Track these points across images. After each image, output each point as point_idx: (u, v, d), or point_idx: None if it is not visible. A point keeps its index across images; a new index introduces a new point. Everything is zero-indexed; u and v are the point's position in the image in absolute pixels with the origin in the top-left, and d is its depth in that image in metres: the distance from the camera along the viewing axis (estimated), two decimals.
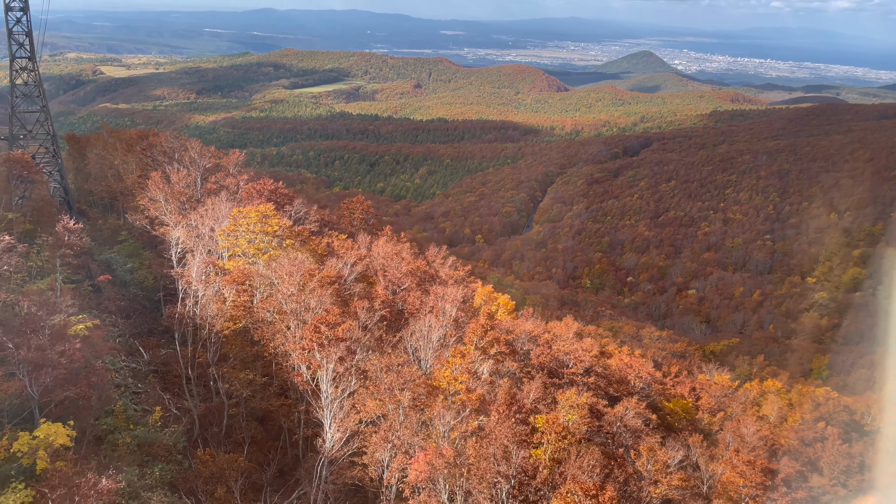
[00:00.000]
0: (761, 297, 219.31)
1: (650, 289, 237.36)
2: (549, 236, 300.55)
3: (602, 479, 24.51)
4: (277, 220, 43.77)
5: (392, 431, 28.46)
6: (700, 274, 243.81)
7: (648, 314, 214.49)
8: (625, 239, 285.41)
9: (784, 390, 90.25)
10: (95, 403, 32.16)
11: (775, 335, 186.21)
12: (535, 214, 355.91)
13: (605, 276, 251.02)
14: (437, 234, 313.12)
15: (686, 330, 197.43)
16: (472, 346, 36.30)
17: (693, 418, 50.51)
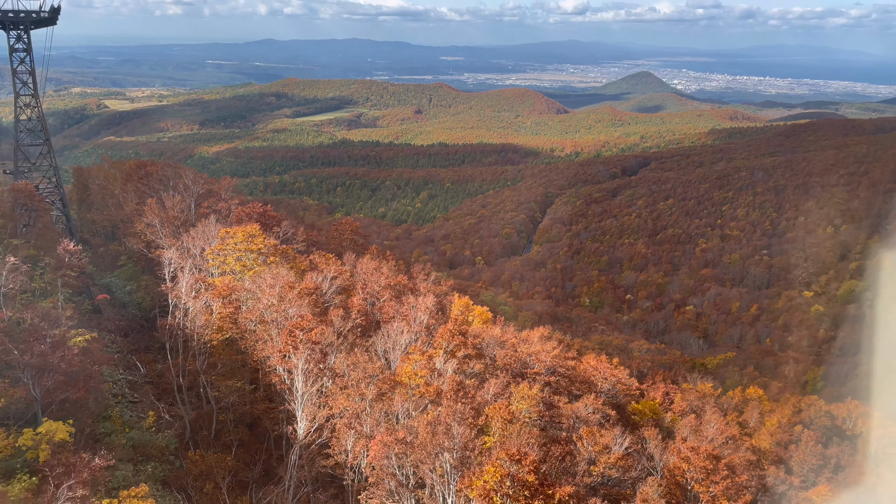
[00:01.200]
0: (758, 312, 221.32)
1: (648, 306, 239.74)
2: (549, 256, 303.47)
3: (540, 455, 27.48)
4: (262, 240, 47.22)
5: (356, 420, 31.52)
6: (698, 290, 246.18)
7: (647, 331, 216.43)
8: (623, 257, 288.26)
9: (765, 398, 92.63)
10: (93, 405, 35.32)
11: (771, 348, 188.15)
12: (535, 235, 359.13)
13: (603, 294, 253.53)
14: (438, 257, 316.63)
15: (684, 345, 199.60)
16: (441, 350, 39.43)
17: (660, 418, 53.21)
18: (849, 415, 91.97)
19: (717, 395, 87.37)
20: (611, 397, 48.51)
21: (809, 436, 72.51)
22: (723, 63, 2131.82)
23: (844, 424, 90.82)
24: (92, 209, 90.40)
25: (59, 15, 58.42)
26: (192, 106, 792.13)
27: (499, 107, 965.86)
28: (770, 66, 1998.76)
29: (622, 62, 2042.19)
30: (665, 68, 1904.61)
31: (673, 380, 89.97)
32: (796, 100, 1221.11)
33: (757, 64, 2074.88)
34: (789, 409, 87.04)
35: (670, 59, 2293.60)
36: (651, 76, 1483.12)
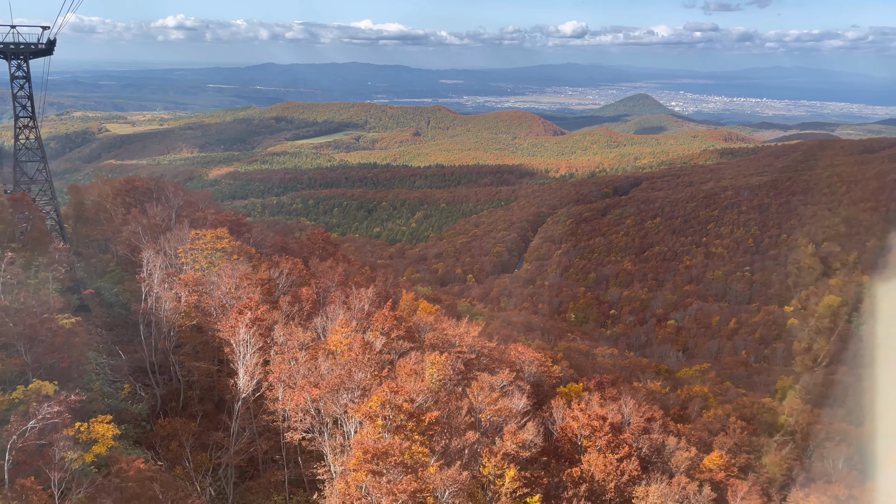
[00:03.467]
0: (737, 326, 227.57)
1: (631, 320, 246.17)
2: (538, 274, 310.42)
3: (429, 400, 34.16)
4: (228, 241, 54.29)
5: (287, 375, 38.30)
6: (680, 305, 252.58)
7: (628, 344, 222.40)
8: (610, 274, 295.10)
9: (711, 396, 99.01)
10: (75, 375, 42.19)
11: (745, 360, 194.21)
12: (526, 253, 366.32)
13: (588, 309, 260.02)
14: (430, 275, 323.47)
15: (663, 358, 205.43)
16: (378, 332, 46.38)
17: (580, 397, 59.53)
18: (791, 412, 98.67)
19: (664, 393, 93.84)
20: (533, 378, 55.16)
21: (740, 424, 78.90)
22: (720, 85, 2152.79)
23: (786, 422, 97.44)
24: (87, 224, 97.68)
25: (56, 46, 66.01)
26: (192, 129, 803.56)
27: (496, 129, 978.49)
28: (767, 87, 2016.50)
29: (620, 84, 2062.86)
30: (663, 90, 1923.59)
31: (627, 380, 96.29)
32: (793, 121, 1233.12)
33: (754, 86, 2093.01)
34: (731, 406, 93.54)
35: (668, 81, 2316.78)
36: (648, 98, 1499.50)
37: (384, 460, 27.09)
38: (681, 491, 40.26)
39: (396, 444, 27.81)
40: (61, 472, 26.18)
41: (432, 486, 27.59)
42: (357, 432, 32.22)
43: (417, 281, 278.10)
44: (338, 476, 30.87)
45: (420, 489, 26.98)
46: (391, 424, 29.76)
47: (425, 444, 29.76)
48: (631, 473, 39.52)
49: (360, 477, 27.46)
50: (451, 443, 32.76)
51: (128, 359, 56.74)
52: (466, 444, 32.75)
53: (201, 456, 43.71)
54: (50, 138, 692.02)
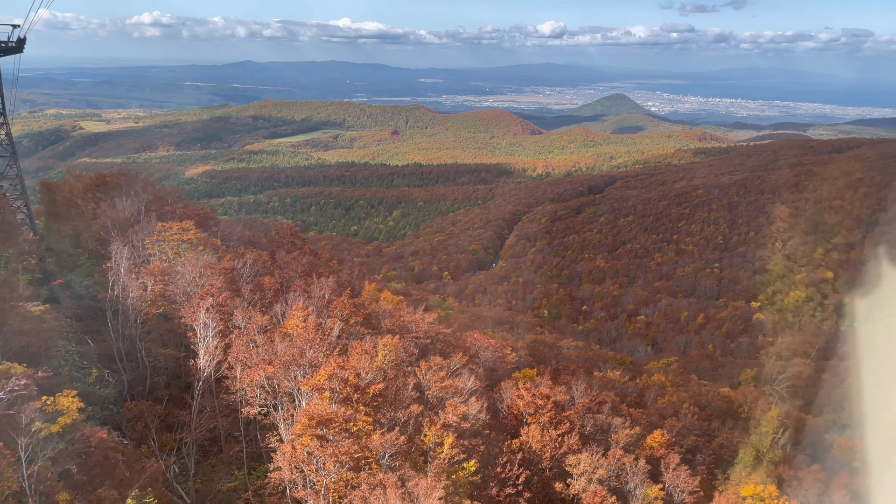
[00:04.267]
0: (704, 321, 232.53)
1: (602, 316, 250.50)
2: (512, 271, 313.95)
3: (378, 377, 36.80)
4: (194, 233, 56.45)
5: (245, 355, 40.69)
6: (650, 301, 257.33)
7: (599, 339, 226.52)
8: (583, 271, 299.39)
9: (669, 385, 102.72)
10: (44, 360, 44.19)
11: (711, 353, 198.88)
12: (501, 251, 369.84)
13: (561, 306, 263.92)
14: (406, 273, 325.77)
15: (632, 352, 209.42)
16: (337, 318, 48.92)
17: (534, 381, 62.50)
18: (745, 400, 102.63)
19: (623, 382, 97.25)
20: (488, 363, 57.99)
21: (692, 410, 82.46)
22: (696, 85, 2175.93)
23: (740, 409, 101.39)
24: (58, 220, 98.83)
25: (26, 44, 67.48)
26: (168, 127, 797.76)
27: (474, 128, 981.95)
28: (742, 88, 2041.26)
29: (598, 84, 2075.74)
30: (640, 90, 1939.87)
31: (588, 370, 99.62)
32: (766, 121, 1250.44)
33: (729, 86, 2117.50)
34: (687, 394, 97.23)
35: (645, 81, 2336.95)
36: (625, 98, 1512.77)
37: (328, 426, 29.68)
38: (616, 462, 43.25)
39: (340, 413, 30.42)
40: (28, 438, 28.41)
41: (373, 450, 30.21)
42: (307, 404, 34.75)
43: (393, 278, 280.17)
44: (286, 442, 33.38)
45: (361, 453, 29.60)
46: (338, 396, 32.35)
47: (370, 414, 32.37)
48: (570, 446, 42.41)
49: (306, 442, 30.02)
50: (398, 414, 35.42)
51: (96, 347, 58.62)
52: (411, 415, 35.42)
53: (166, 436, 45.98)
54: (22, 136, 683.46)
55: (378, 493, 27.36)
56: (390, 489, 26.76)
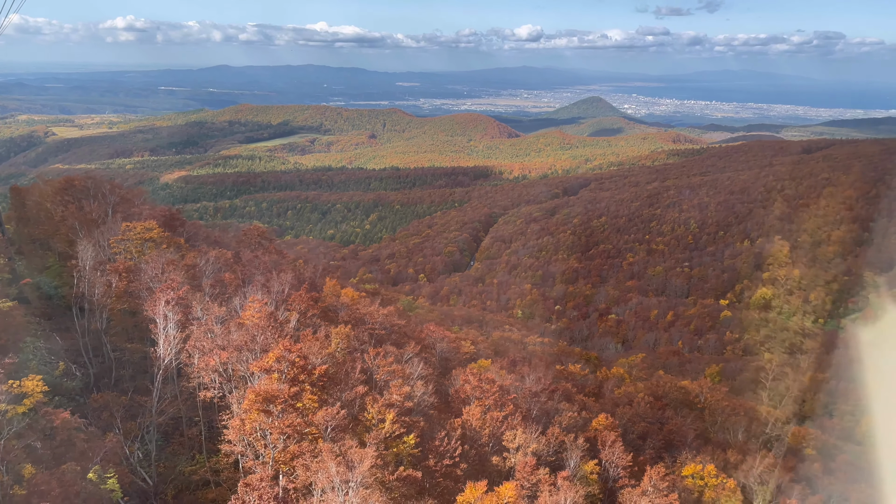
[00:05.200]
0: (674, 318, 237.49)
1: (574, 315, 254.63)
2: (487, 272, 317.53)
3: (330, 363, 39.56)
4: (157, 232, 58.81)
5: (202, 343, 43.21)
6: (621, 300, 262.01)
7: (571, 338, 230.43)
8: (556, 272, 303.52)
9: (627, 377, 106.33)
10: (11, 351, 46.33)
11: (678, 349, 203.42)
12: (477, 253, 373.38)
13: (535, 305, 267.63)
14: (382, 275, 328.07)
15: (603, 349, 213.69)
16: (295, 311, 51.61)
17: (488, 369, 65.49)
18: (700, 391, 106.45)
19: (584, 375, 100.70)
20: (443, 353, 60.92)
21: (646, 399, 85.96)
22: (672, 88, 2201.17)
23: (696, 399, 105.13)
24: (28, 224, 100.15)
25: None
26: (143, 132, 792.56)
27: (452, 131, 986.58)
28: (717, 90, 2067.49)
29: (574, 87, 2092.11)
30: (616, 93, 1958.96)
31: (550, 364, 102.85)
32: (740, 123, 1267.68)
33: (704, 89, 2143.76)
34: (643, 385, 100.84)
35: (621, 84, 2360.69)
36: (602, 101, 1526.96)
37: (274, 402, 32.38)
38: (555, 439, 46.35)
39: (284, 390, 33.13)
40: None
41: (318, 424, 32.91)
42: (257, 384, 37.39)
43: (369, 281, 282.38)
44: (235, 416, 35.94)
45: (304, 424, 32.31)
46: (286, 377, 35.06)
47: (316, 393, 35.08)
48: (512, 425, 45.35)
49: (254, 416, 32.67)
50: (345, 395, 38.18)
51: (64, 343, 60.74)
52: (357, 395, 38.18)
53: (130, 424, 48.28)
54: None
55: (318, 459, 30.07)
56: (327, 454, 29.48)
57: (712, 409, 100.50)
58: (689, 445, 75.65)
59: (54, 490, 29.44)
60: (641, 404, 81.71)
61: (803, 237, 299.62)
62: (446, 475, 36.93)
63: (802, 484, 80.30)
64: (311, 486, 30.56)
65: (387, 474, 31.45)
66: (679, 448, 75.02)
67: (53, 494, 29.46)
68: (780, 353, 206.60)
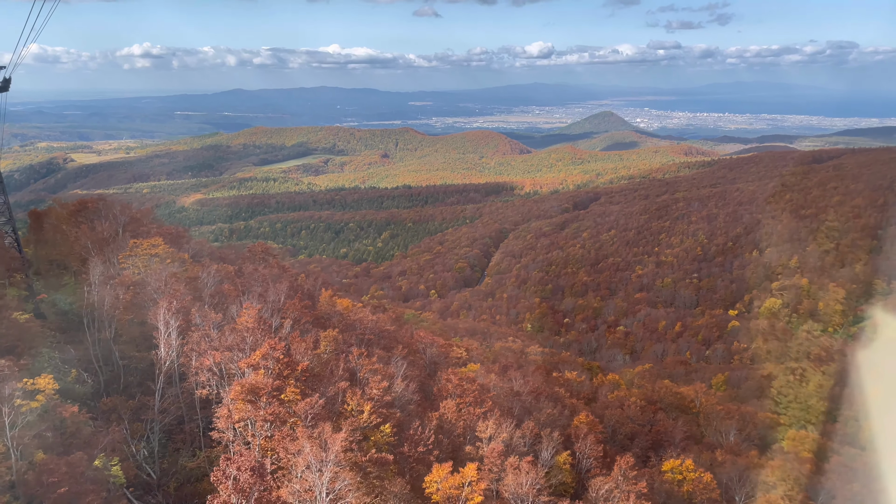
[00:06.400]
0: (682, 329, 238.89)
1: (583, 328, 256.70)
2: (497, 287, 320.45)
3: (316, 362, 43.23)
4: (162, 248, 63.03)
5: (199, 346, 47.05)
6: (630, 312, 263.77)
7: (580, 350, 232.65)
8: (565, 285, 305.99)
9: (623, 383, 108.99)
10: (27, 358, 50.51)
11: (686, 360, 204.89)
12: (488, 268, 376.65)
13: (544, 319, 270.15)
14: (394, 292, 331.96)
15: (611, 361, 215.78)
16: (290, 318, 55.47)
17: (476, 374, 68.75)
18: (696, 395, 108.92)
19: (580, 381, 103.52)
20: (432, 357, 64.40)
21: (639, 403, 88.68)
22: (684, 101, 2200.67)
23: (691, 403, 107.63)
24: (46, 246, 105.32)
25: (11, 83, 74.17)
26: (160, 157, 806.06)
27: (464, 149, 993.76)
28: (729, 102, 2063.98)
29: (586, 103, 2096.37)
30: (629, 107, 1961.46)
31: (548, 371, 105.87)
32: (754, 134, 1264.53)
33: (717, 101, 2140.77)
34: (638, 391, 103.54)
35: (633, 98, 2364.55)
36: (613, 115, 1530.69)
37: (257, 394, 36.08)
38: (530, 432, 49.63)
39: (269, 383, 36.83)
40: (9, 408, 34.72)
41: (299, 413, 36.53)
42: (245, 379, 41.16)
43: (380, 298, 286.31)
44: (223, 405, 39.61)
45: (286, 413, 35.95)
46: (271, 372, 38.78)
47: (298, 386, 38.74)
48: (488, 419, 48.64)
49: (240, 406, 36.35)
50: (328, 389, 41.83)
51: (76, 353, 64.96)
52: (339, 389, 41.80)
53: (137, 424, 52.18)
54: (14, 170, 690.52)
55: (295, 442, 33.60)
56: (302, 436, 33.03)
57: (707, 412, 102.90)
58: (677, 445, 78.34)
59: (63, 473, 33.21)
60: (632, 407, 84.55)
61: (812, 246, 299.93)
62: (419, 461, 40.34)
63: (790, 483, 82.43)
64: (293, 467, 34.09)
65: (359, 456, 34.91)
66: (666, 448, 77.69)
67: (62, 477, 33.23)
68: (787, 362, 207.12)
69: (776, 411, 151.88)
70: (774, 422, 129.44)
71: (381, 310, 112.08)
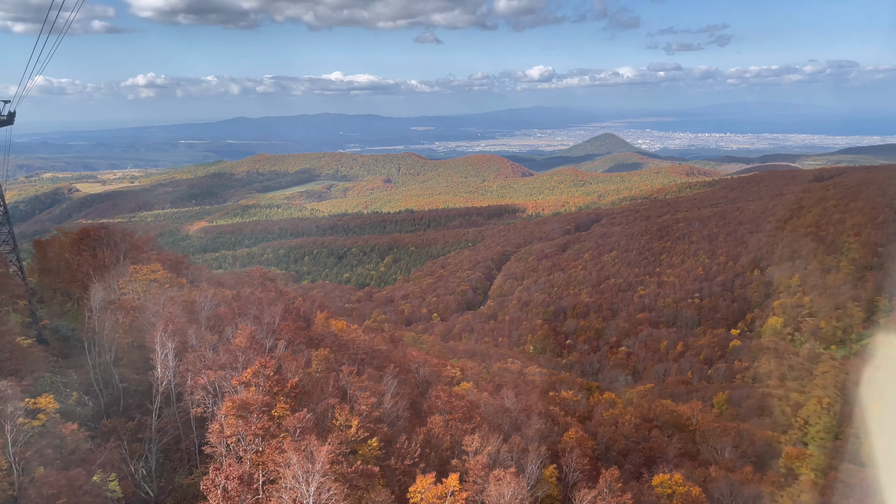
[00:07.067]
0: (683, 349, 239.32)
1: (585, 349, 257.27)
2: (499, 309, 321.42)
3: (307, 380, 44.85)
4: (161, 274, 64.99)
5: (197, 363, 48.73)
6: (632, 332, 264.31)
7: (582, 371, 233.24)
8: (567, 306, 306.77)
9: (619, 402, 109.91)
10: (29, 376, 52.22)
11: (687, 379, 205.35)
12: (490, 291, 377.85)
13: (546, 340, 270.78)
14: (397, 316, 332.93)
15: (613, 381, 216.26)
16: (284, 339, 57.18)
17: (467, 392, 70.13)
18: (692, 413, 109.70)
19: (577, 401, 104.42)
20: (424, 376, 65.89)
21: (633, 421, 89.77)
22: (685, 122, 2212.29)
23: (688, 421, 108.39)
24: (49, 274, 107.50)
25: (15, 117, 76.72)
26: (164, 186, 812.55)
27: (466, 172, 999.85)
28: (731, 122, 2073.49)
29: (588, 125, 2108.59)
30: (630, 129, 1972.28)
31: (545, 391, 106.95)
32: (756, 154, 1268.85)
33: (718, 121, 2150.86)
34: (633, 409, 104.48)
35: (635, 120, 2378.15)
36: (615, 137, 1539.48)
37: (247, 409, 37.69)
38: (517, 446, 50.96)
39: (259, 399, 38.45)
40: (11, 425, 36.39)
41: (286, 426, 38.10)
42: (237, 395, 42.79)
43: (382, 322, 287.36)
44: (215, 420, 41.15)
45: (276, 428, 37.52)
46: (262, 389, 40.42)
47: (288, 402, 40.35)
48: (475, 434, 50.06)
49: (231, 421, 37.94)
50: (318, 405, 43.42)
51: (78, 377, 66.64)
52: (329, 406, 43.39)
53: (136, 445, 53.71)
54: (19, 201, 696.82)
55: (284, 454, 35.12)
56: (289, 448, 34.57)
57: (703, 430, 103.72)
58: (670, 461, 79.27)
59: (62, 486, 34.79)
60: (626, 425, 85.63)
61: (813, 264, 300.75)
62: (406, 473, 41.75)
63: (784, 497, 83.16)
64: (282, 478, 35.59)
65: (345, 468, 36.39)
66: (659, 464, 78.60)
67: (62, 490, 34.79)
68: (789, 380, 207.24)
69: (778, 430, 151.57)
70: (773, 439, 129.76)
71: (378, 331, 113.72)
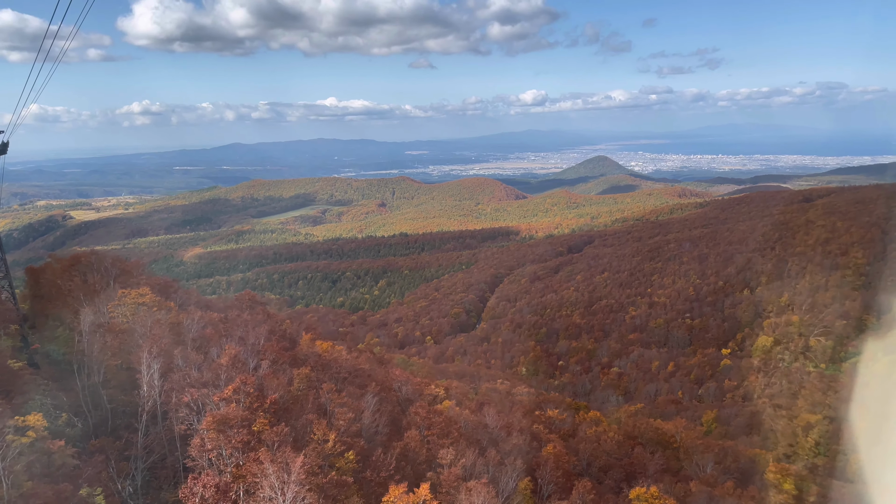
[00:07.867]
0: (674, 369, 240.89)
1: (577, 370, 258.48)
2: (492, 332, 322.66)
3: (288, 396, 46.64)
4: (149, 297, 66.90)
5: (181, 382, 50.46)
6: (623, 353, 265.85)
7: (574, 392, 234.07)
8: (560, 328, 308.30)
9: (604, 420, 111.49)
10: (19, 402, 53.85)
11: (677, 398, 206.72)
12: (483, 313, 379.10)
13: (538, 362, 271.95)
14: (390, 339, 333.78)
15: (604, 402, 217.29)
16: (267, 359, 59.01)
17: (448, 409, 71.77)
18: (676, 431, 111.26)
19: (563, 419, 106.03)
20: (406, 394, 67.60)
21: (616, 439, 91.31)
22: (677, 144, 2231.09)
23: (672, 438, 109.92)
24: (42, 300, 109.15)
25: (8, 147, 79.07)
26: (158, 212, 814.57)
27: (460, 196, 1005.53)
28: (723, 144, 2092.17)
29: (581, 147, 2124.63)
30: (623, 151, 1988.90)
31: (530, 410, 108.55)
32: (747, 175, 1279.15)
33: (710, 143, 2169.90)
34: (618, 427, 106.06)
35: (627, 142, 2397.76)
36: (608, 160, 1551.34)
37: (227, 423, 39.49)
38: (493, 459, 52.70)
39: (238, 414, 40.27)
40: (1, 441, 38.11)
41: (264, 440, 39.88)
42: None
43: (375, 345, 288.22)
44: (196, 435, 42.86)
45: (254, 440, 39.30)
46: (243, 405, 42.23)
47: (268, 417, 42.15)
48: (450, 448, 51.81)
49: (212, 435, 39.71)
50: (298, 420, 45.22)
51: (67, 399, 68.20)
52: (308, 421, 45.19)
53: (123, 464, 55.25)
54: (13, 228, 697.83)
55: (261, 465, 36.87)
56: (264, 457, 36.36)
57: (686, 447, 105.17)
58: (650, 477, 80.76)
59: (50, 497, 36.45)
60: (608, 442, 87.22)
61: (802, 283, 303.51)
62: (380, 485, 43.45)
63: None
64: (259, 489, 37.33)
65: (321, 478, 38.13)
66: (640, 479, 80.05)
67: (49, 500, 36.45)
68: (778, 398, 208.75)
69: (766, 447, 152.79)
70: (759, 456, 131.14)
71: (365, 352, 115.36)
